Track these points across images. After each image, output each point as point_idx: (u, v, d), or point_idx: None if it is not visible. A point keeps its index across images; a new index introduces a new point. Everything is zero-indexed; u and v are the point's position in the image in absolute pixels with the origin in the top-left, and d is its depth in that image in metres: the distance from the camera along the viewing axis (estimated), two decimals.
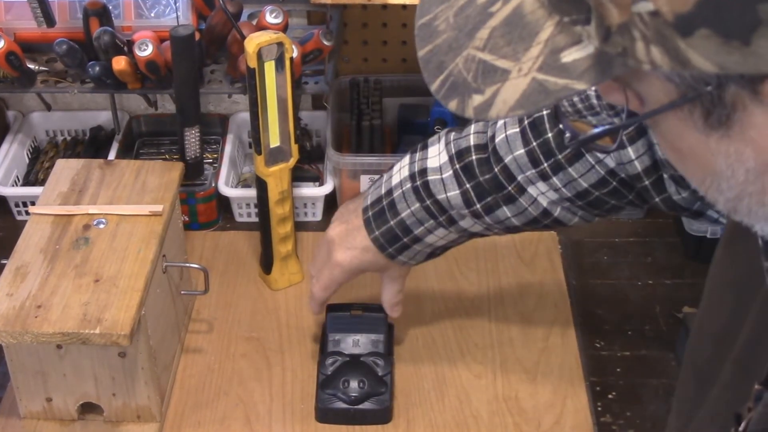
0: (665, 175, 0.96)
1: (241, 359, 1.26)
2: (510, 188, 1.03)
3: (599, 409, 1.20)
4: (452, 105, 0.61)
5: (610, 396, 1.22)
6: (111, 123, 1.57)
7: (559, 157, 0.99)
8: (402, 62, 1.62)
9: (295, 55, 1.28)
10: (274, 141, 1.25)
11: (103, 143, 1.58)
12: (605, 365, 1.26)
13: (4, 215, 1.50)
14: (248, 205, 1.47)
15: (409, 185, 1.07)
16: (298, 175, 1.48)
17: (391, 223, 1.08)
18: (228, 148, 1.52)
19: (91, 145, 1.59)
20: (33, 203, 1.24)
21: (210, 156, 1.54)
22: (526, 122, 1.01)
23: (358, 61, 1.62)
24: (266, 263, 1.36)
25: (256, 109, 1.22)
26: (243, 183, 1.54)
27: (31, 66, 1.43)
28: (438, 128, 1.48)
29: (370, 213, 1.10)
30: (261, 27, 1.34)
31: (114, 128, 1.56)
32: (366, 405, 1.17)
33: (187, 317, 1.31)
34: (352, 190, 1.45)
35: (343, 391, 1.17)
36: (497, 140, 1.02)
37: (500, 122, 1.04)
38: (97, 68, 1.37)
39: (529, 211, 1.04)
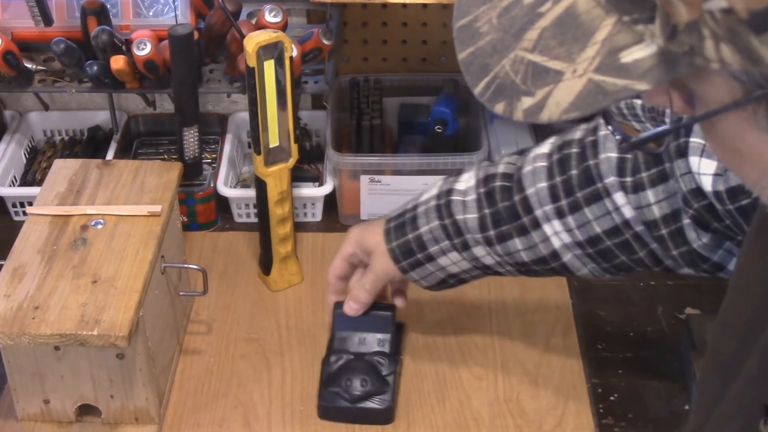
0: (685, 221, 0.95)
1: (241, 360, 1.26)
2: (525, 219, 1.04)
3: (601, 411, 1.19)
4: (499, 108, 0.60)
5: (612, 398, 1.21)
6: (109, 123, 1.57)
7: (579, 195, 1.00)
8: (402, 61, 1.62)
9: (294, 54, 1.28)
10: (274, 141, 1.25)
11: (101, 143, 1.58)
12: (607, 367, 1.25)
13: (1, 216, 1.49)
14: (247, 205, 1.47)
15: (433, 203, 1.09)
16: (298, 176, 1.47)
17: (409, 236, 1.10)
18: (227, 148, 1.52)
19: (89, 145, 1.58)
20: (30, 203, 1.24)
21: (209, 156, 1.54)
22: (554, 158, 1.02)
23: (358, 60, 1.62)
24: (265, 264, 1.35)
25: (255, 108, 1.21)
26: (242, 183, 1.54)
27: (28, 65, 1.43)
28: (438, 128, 1.48)
29: (392, 224, 1.12)
30: (260, 26, 1.33)
31: (112, 128, 1.56)
32: (367, 404, 1.16)
33: (186, 318, 1.30)
34: (352, 191, 1.44)
35: (345, 389, 1.16)
36: (524, 171, 1.04)
37: (531, 155, 1.05)
38: (95, 67, 1.36)
39: (539, 248, 1.04)
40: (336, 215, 1.49)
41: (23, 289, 1.08)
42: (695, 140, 0.92)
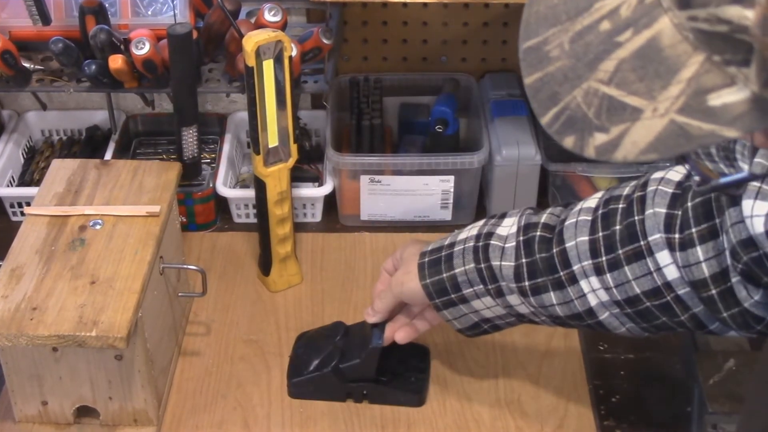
0: (734, 278, 0.91)
1: (240, 362, 1.25)
2: (562, 274, 1.00)
3: (602, 412, 1.19)
4: (568, 142, 0.57)
5: (613, 399, 1.20)
6: (107, 122, 1.56)
7: (620, 252, 0.96)
8: (402, 61, 1.61)
9: (294, 53, 1.28)
10: (273, 141, 1.24)
11: (100, 143, 1.57)
12: (609, 368, 1.24)
13: None
14: (246, 205, 1.46)
15: (471, 243, 1.06)
16: (297, 176, 1.47)
17: (444, 275, 1.07)
18: (226, 148, 1.51)
19: (88, 144, 1.58)
20: (28, 204, 1.24)
21: (208, 156, 1.53)
22: (599, 212, 0.98)
23: (358, 59, 1.61)
24: (265, 265, 1.34)
25: (254, 108, 1.21)
26: (241, 183, 1.53)
27: (26, 65, 1.42)
28: (439, 128, 1.47)
29: (426, 258, 1.09)
30: (259, 25, 1.33)
31: (110, 128, 1.55)
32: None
33: (185, 319, 1.30)
34: (351, 191, 1.44)
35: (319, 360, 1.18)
36: (566, 223, 1.00)
37: (577, 208, 1.01)
38: (94, 67, 1.36)
39: (575, 304, 1.01)
40: (336, 216, 1.48)
41: (21, 290, 1.07)
42: (752, 183, 0.86)
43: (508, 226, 1.05)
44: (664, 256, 0.94)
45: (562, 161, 1.42)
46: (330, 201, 1.47)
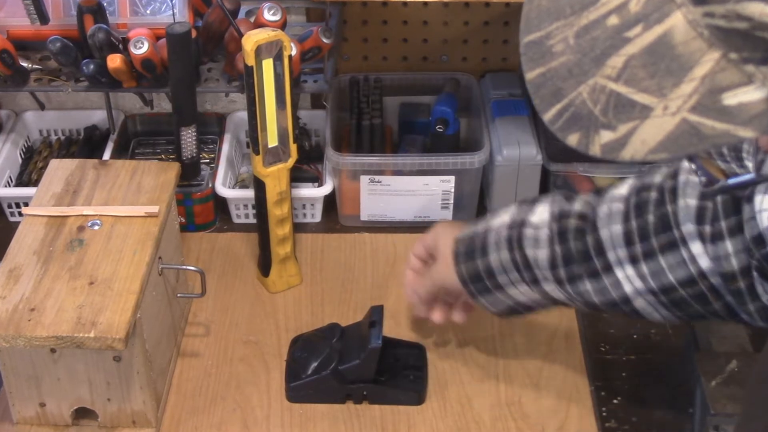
0: (754, 273, 0.90)
1: (239, 363, 1.25)
2: (597, 262, 1.00)
3: (604, 414, 1.18)
4: (572, 139, 0.56)
5: (615, 401, 1.20)
6: (106, 122, 1.56)
7: (654, 242, 0.96)
8: (403, 60, 1.61)
9: (293, 52, 1.28)
10: (273, 141, 1.24)
11: (98, 143, 1.57)
12: (610, 369, 1.24)
13: None
14: (246, 206, 1.46)
15: (504, 232, 1.06)
16: (297, 176, 1.46)
17: (478, 263, 1.07)
18: (225, 148, 1.51)
19: (86, 144, 1.57)
20: (26, 204, 1.23)
21: (207, 156, 1.53)
22: (632, 201, 0.98)
23: (358, 59, 1.61)
24: (264, 265, 1.34)
25: (253, 108, 1.20)
26: (240, 183, 1.53)
27: (24, 64, 1.42)
28: (440, 128, 1.46)
29: (461, 247, 1.09)
30: (259, 24, 1.33)
31: (109, 128, 1.55)
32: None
33: (184, 320, 1.30)
34: (351, 191, 1.43)
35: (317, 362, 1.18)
36: (599, 211, 1.00)
37: (608, 195, 1.01)
38: (92, 66, 1.36)
39: (610, 292, 1.00)
40: (336, 216, 1.48)
41: (19, 291, 1.07)
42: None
43: (539, 213, 1.05)
44: (696, 247, 0.94)
45: (563, 161, 1.41)
46: (330, 201, 1.47)
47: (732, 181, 0.60)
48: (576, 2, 0.56)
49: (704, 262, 0.94)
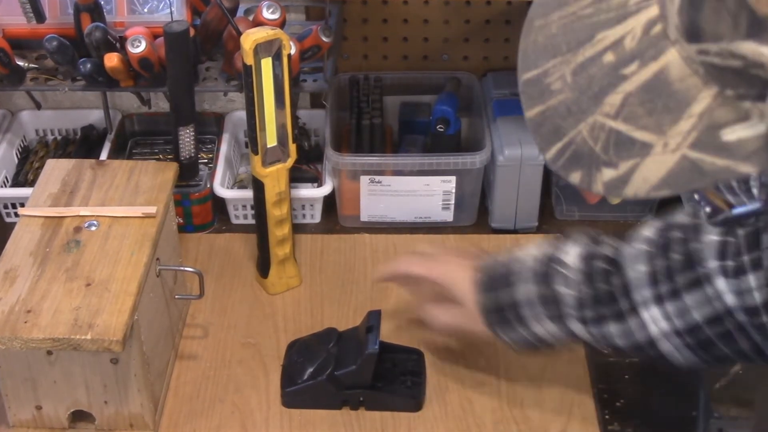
0: None
1: (238, 366, 1.24)
2: (622, 304, 0.99)
3: (607, 417, 1.18)
4: (575, 177, 0.56)
5: (618, 404, 1.19)
6: (103, 122, 1.55)
7: (679, 281, 0.95)
8: (403, 59, 1.60)
9: (292, 51, 1.27)
10: (272, 140, 1.24)
11: (95, 143, 1.56)
12: (613, 372, 1.23)
13: None
14: (244, 206, 1.46)
15: (531, 264, 1.05)
16: (296, 176, 1.46)
17: (500, 293, 1.06)
18: (224, 148, 1.50)
19: (83, 144, 1.57)
20: (22, 205, 1.23)
21: (205, 156, 1.53)
22: (657, 241, 0.97)
23: (358, 58, 1.60)
24: (263, 266, 1.33)
25: (252, 107, 1.20)
26: (239, 184, 1.53)
27: (20, 63, 1.41)
28: (440, 127, 1.46)
29: (483, 276, 1.08)
30: (258, 23, 1.32)
31: (106, 127, 1.55)
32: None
33: (182, 322, 1.29)
34: (351, 191, 1.43)
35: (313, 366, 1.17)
36: (625, 253, 0.99)
37: (634, 236, 1.00)
38: (89, 65, 1.35)
39: (634, 335, 0.99)
40: (335, 216, 1.47)
41: (15, 293, 1.06)
42: None
43: (569, 252, 1.04)
44: (721, 283, 0.92)
45: None
46: (329, 202, 1.46)
47: (737, 211, 0.61)
48: (572, 39, 0.56)
49: (729, 299, 0.92)
